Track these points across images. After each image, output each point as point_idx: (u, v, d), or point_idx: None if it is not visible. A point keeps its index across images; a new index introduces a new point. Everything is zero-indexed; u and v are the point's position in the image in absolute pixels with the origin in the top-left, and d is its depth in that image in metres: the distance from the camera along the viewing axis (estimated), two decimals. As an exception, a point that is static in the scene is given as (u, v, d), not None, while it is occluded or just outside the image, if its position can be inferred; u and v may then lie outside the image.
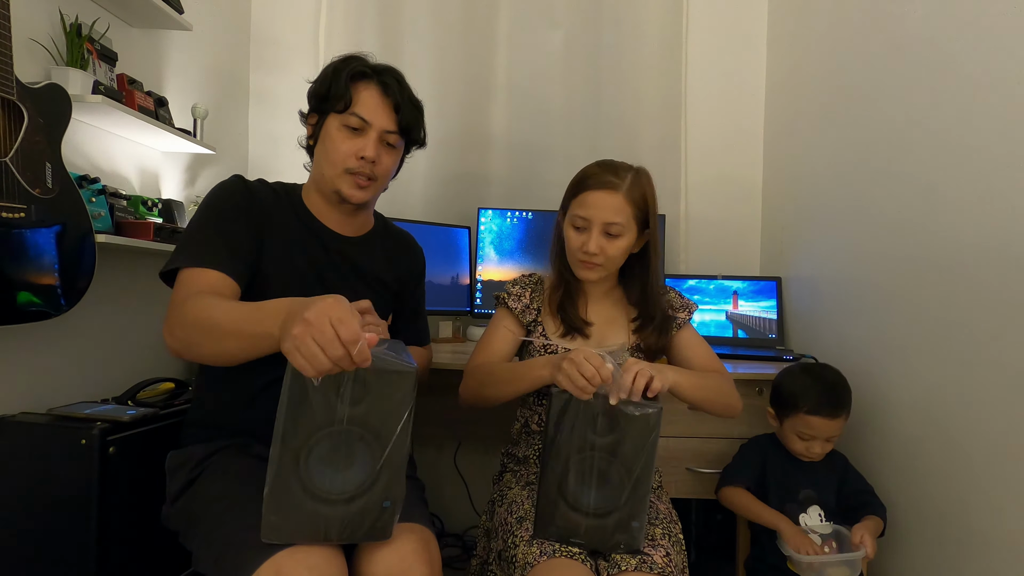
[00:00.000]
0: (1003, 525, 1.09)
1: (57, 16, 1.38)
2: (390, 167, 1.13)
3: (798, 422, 1.31)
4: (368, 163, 1.07)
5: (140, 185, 1.68)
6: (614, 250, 1.12)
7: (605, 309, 1.23)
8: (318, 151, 1.10)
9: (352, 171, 1.07)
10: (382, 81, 1.08)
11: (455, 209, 2.14)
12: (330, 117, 1.08)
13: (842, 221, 1.62)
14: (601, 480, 0.96)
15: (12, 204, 1.16)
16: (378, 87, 1.07)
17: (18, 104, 1.17)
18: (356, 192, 1.09)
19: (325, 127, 1.08)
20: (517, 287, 1.26)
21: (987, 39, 1.14)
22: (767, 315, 1.90)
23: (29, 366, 1.35)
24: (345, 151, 1.06)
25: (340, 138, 1.06)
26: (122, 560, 1.21)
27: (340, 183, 1.08)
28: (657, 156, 2.10)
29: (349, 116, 1.06)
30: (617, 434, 0.95)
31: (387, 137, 1.09)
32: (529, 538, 1.00)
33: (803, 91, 1.89)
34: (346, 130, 1.06)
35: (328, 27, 2.15)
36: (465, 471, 2.07)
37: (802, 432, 1.31)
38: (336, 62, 1.09)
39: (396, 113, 1.08)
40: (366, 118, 1.06)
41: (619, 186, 1.11)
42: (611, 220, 1.10)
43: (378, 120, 1.07)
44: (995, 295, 1.10)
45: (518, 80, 2.13)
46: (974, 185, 1.16)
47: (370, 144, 1.06)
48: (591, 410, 0.95)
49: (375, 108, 1.07)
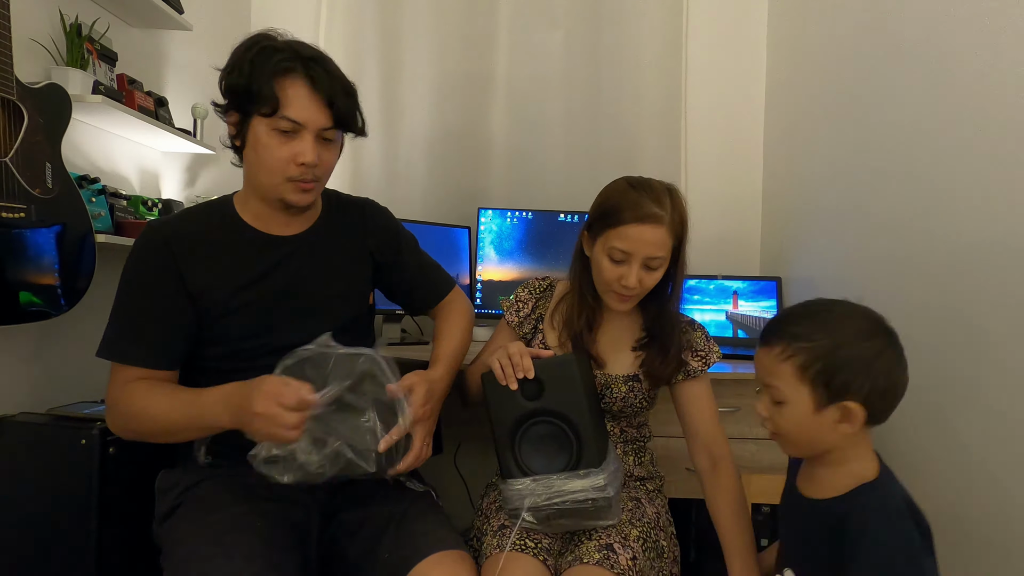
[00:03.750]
0: (1004, 526, 1.09)
1: (57, 16, 1.38)
2: (331, 163, 1.03)
3: None
4: (310, 168, 0.96)
5: (140, 185, 1.68)
6: (651, 282, 1.07)
7: (613, 330, 1.17)
8: (249, 156, 0.98)
9: (294, 178, 0.96)
10: (310, 75, 0.94)
11: (455, 209, 2.14)
12: (256, 120, 0.94)
13: (842, 221, 1.62)
14: (553, 444, 0.98)
15: (12, 204, 1.16)
16: (306, 81, 0.94)
17: (18, 104, 1.17)
18: (302, 196, 0.99)
19: (252, 131, 0.95)
20: (525, 292, 1.23)
21: (987, 40, 1.14)
22: (767, 315, 1.90)
23: (29, 366, 1.35)
24: (281, 158, 0.95)
25: (273, 144, 0.94)
26: (122, 560, 1.21)
27: (283, 191, 0.98)
28: (657, 156, 2.10)
29: (279, 120, 0.93)
30: (546, 393, 0.98)
31: (324, 134, 0.97)
32: (496, 528, 1.03)
33: (803, 92, 1.89)
34: (278, 135, 0.94)
35: (328, 27, 2.15)
36: (465, 471, 2.07)
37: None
38: (252, 53, 0.94)
39: (330, 108, 0.96)
40: (299, 120, 0.94)
41: (663, 219, 1.02)
42: (654, 255, 1.03)
43: (312, 119, 0.95)
44: (995, 295, 1.10)
45: (518, 80, 2.12)
46: (974, 185, 1.16)
47: (308, 148, 0.95)
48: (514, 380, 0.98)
49: (306, 107, 0.94)
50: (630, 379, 1.14)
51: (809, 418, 0.78)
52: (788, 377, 0.78)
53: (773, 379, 0.80)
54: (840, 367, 0.76)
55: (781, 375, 0.79)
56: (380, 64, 2.14)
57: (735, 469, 1.11)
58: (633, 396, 1.13)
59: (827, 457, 0.82)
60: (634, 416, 1.18)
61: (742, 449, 1.54)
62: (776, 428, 0.83)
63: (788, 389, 0.78)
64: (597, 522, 0.99)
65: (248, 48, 0.95)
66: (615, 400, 1.13)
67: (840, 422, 0.76)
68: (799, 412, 0.78)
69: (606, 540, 0.99)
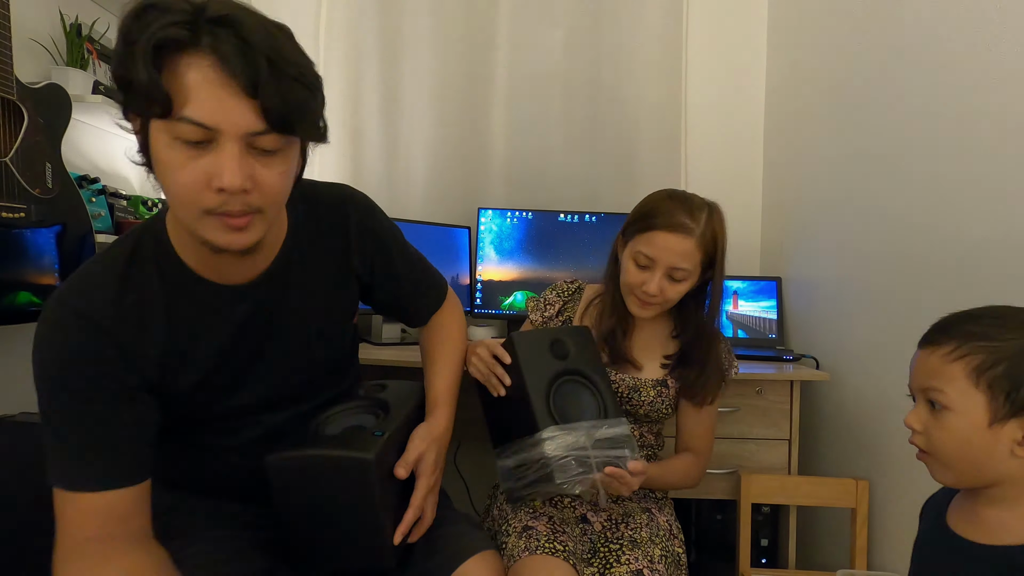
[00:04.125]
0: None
1: (57, 16, 1.38)
2: (277, 185, 0.68)
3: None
4: (232, 195, 0.64)
5: (140, 185, 1.68)
6: (674, 293, 1.06)
7: (645, 338, 1.18)
8: (158, 174, 0.67)
9: (212, 211, 0.65)
10: (217, 48, 0.60)
11: (455, 209, 2.14)
12: (152, 125, 0.63)
13: (842, 221, 1.62)
14: (581, 398, 1.01)
15: (12, 204, 1.16)
16: (214, 59, 0.60)
17: (18, 104, 1.17)
18: (232, 237, 0.67)
19: (152, 139, 0.64)
20: (553, 294, 1.24)
21: (987, 38, 1.14)
22: (767, 315, 1.90)
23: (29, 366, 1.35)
24: (189, 183, 0.63)
25: (176, 160, 0.63)
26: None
27: (203, 231, 0.66)
28: (657, 156, 2.10)
29: (178, 124, 0.61)
30: (571, 353, 1.04)
31: (255, 141, 0.64)
32: (520, 529, 1.02)
33: (803, 91, 1.89)
34: (182, 147, 0.62)
35: (328, 27, 2.15)
36: (465, 471, 2.07)
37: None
38: (127, 21, 0.60)
39: (254, 98, 0.62)
40: (206, 122, 0.61)
41: (693, 231, 1.02)
42: (678, 265, 1.03)
43: (229, 120, 0.61)
44: (996, 295, 1.10)
45: (518, 80, 2.12)
46: (975, 185, 1.16)
47: (226, 162, 0.62)
48: (543, 341, 1.03)
49: (216, 100, 0.61)
50: (659, 384, 1.15)
51: (979, 434, 0.63)
52: (958, 380, 0.64)
53: (936, 381, 0.66)
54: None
55: (948, 377, 0.64)
56: (380, 64, 2.14)
57: (703, 465, 1.18)
58: (660, 401, 1.15)
59: (996, 492, 0.66)
60: (656, 422, 1.20)
61: (742, 449, 1.54)
62: (930, 444, 0.67)
63: (956, 394, 0.64)
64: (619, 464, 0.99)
65: (125, 22, 0.61)
66: (642, 404, 1.14)
67: (1021, 444, 0.62)
68: (967, 424, 0.63)
69: (636, 566, 0.99)
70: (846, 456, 1.54)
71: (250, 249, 0.71)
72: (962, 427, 0.64)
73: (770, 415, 1.54)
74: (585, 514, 1.09)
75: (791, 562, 1.52)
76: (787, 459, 1.53)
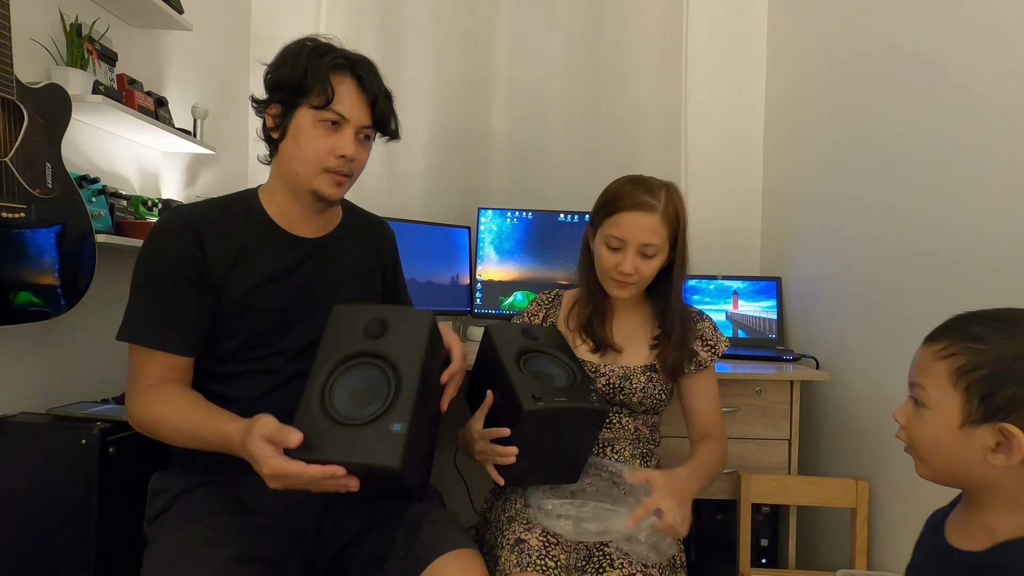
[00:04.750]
0: None
1: (57, 16, 1.38)
2: (365, 162, 1.07)
3: None
4: (347, 161, 1.01)
5: (140, 185, 1.68)
6: (648, 270, 1.11)
7: (629, 324, 1.22)
8: (287, 147, 1.01)
9: (331, 170, 1.00)
10: (358, 74, 1.01)
11: (455, 209, 2.14)
12: (302, 111, 0.99)
13: (842, 221, 1.62)
14: (552, 366, 1.07)
15: (12, 204, 1.16)
16: (354, 80, 1.01)
17: (18, 104, 1.17)
18: (335, 190, 1.03)
19: (296, 121, 1.00)
20: (534, 305, 1.29)
21: (986, 40, 1.14)
22: (767, 315, 1.90)
23: (29, 366, 1.35)
24: (323, 149, 0.99)
25: (317, 135, 0.99)
26: (121, 560, 1.21)
27: (318, 183, 1.01)
28: (657, 156, 2.10)
29: (328, 112, 0.98)
30: (538, 337, 1.11)
31: (363, 132, 1.03)
32: (513, 542, 1.01)
33: (803, 92, 1.89)
34: (323, 126, 0.99)
35: (328, 27, 2.14)
36: (465, 471, 2.07)
37: None
38: (307, 50, 1.00)
39: (372, 108, 1.03)
40: (345, 114, 0.99)
41: (656, 207, 1.08)
42: (647, 241, 1.09)
43: (356, 116, 1.01)
44: (996, 295, 1.10)
45: (518, 80, 2.13)
46: (975, 184, 1.16)
47: (348, 141, 1.00)
48: (515, 329, 1.11)
49: (353, 103, 1.00)
50: (648, 369, 1.17)
51: (951, 434, 0.63)
52: (940, 379, 0.64)
53: (921, 377, 0.67)
54: (1010, 381, 0.60)
55: (932, 374, 0.65)
56: (380, 64, 2.09)
57: (725, 445, 1.18)
58: (652, 386, 1.16)
59: (986, 499, 0.66)
60: (652, 411, 1.20)
61: (742, 449, 1.54)
62: (911, 437, 0.69)
63: (935, 392, 0.65)
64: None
65: (301, 46, 1.01)
66: (635, 391, 1.15)
67: (994, 451, 0.61)
68: (940, 423, 0.64)
69: (628, 570, 0.99)
70: (846, 456, 1.54)
71: (335, 202, 1.08)
72: (936, 425, 0.65)
73: (770, 415, 1.54)
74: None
75: (791, 562, 1.52)
76: (787, 459, 1.53)
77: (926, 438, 0.67)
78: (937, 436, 0.65)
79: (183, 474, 1.00)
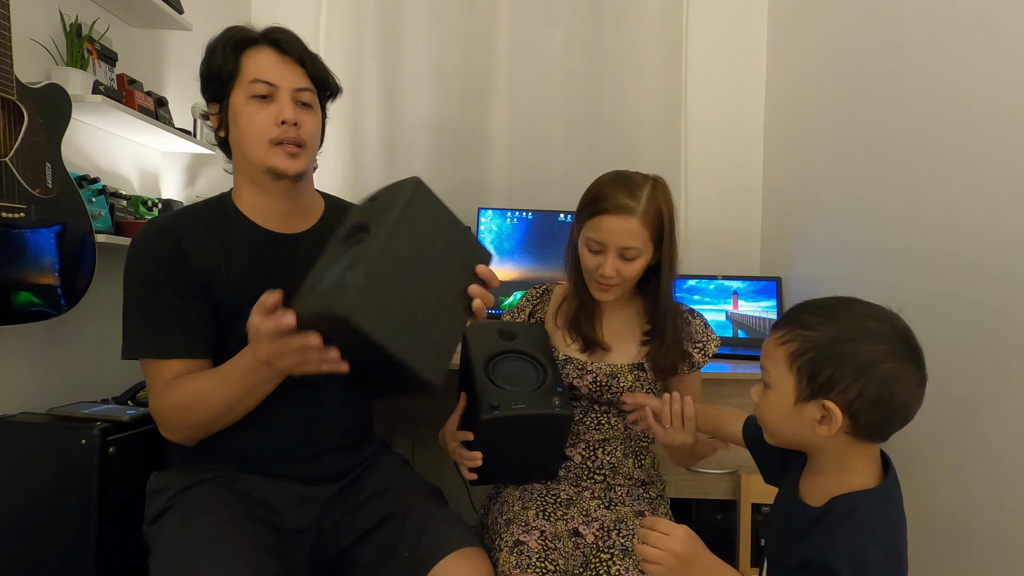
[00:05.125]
0: (1004, 527, 1.09)
1: (57, 16, 1.38)
2: (314, 129, 1.03)
3: None
4: (291, 127, 0.97)
5: (140, 185, 1.68)
6: (631, 272, 1.09)
7: (617, 321, 1.20)
8: (233, 137, 1.00)
9: (277, 140, 0.97)
10: (274, 40, 1.00)
11: (455, 209, 2.12)
12: (233, 97, 0.98)
13: (842, 221, 1.62)
14: (520, 373, 1.07)
15: (12, 204, 1.16)
16: (271, 47, 0.99)
17: (18, 104, 1.17)
18: (290, 162, 0.98)
19: (231, 109, 0.98)
20: (523, 299, 1.28)
21: (987, 38, 1.14)
22: (767, 315, 1.90)
23: (29, 366, 1.35)
24: (261, 122, 0.96)
25: (252, 110, 0.97)
26: (122, 560, 1.21)
27: (269, 158, 0.98)
28: (657, 156, 2.09)
29: (252, 84, 0.96)
30: (516, 335, 1.12)
31: (300, 96, 0.99)
32: (512, 543, 1.01)
33: (803, 91, 1.88)
34: (255, 101, 0.97)
35: (328, 27, 2.15)
36: (465, 471, 2.07)
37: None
38: (212, 40, 1.01)
39: (302, 67, 1.00)
40: (271, 80, 0.97)
41: (634, 210, 1.05)
42: (627, 245, 1.06)
43: (284, 80, 0.98)
44: (995, 295, 1.10)
45: (518, 80, 2.12)
46: (974, 185, 1.16)
47: (286, 106, 0.97)
48: (492, 329, 1.11)
49: (276, 68, 0.98)
50: (636, 368, 1.15)
51: (787, 410, 0.74)
52: (779, 362, 0.74)
53: (767, 361, 0.78)
54: (828, 362, 0.70)
55: (774, 359, 0.75)
56: (380, 64, 2.14)
57: None
58: (640, 386, 1.15)
59: (822, 463, 0.77)
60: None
61: (742, 449, 1.53)
62: (760, 413, 0.80)
63: (776, 374, 0.75)
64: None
65: (215, 39, 1.01)
66: (622, 390, 1.14)
67: (819, 423, 0.71)
68: (780, 401, 0.74)
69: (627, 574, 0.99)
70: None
71: (298, 178, 1.02)
72: (777, 403, 0.75)
73: (770, 415, 1.53)
74: (577, 527, 1.08)
75: (791, 562, 1.52)
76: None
77: (770, 414, 0.78)
78: (779, 411, 0.75)
79: (181, 473, 1.00)
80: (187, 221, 1.01)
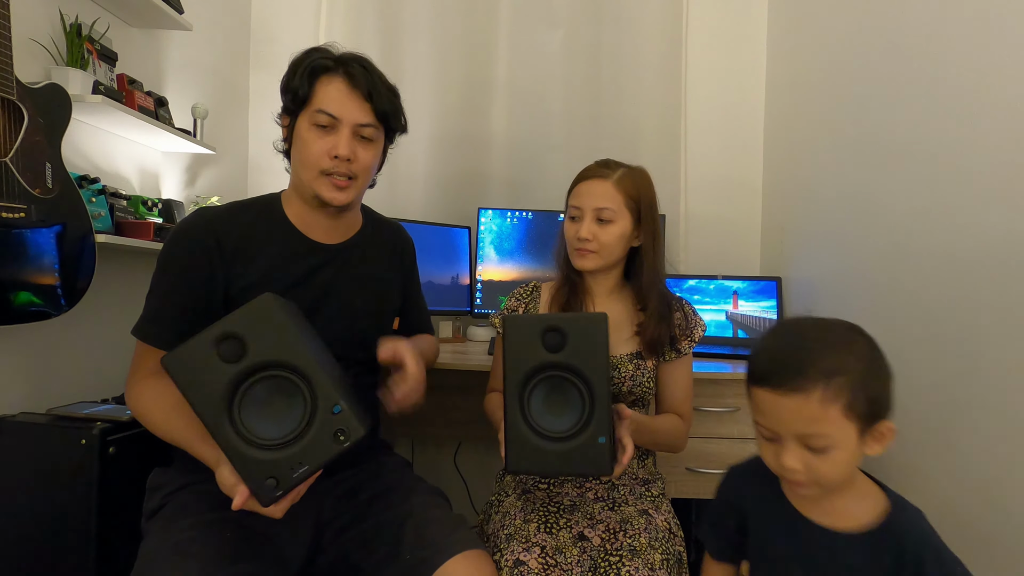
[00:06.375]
0: (1004, 527, 1.09)
1: (57, 16, 1.38)
2: (369, 163, 1.05)
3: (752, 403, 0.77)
4: (343, 162, 1.00)
5: (140, 185, 1.68)
6: (607, 236, 1.12)
7: (612, 313, 1.16)
8: (293, 154, 1.04)
9: (327, 172, 1.00)
10: (347, 72, 1.01)
11: (455, 209, 2.14)
12: (301, 117, 1.01)
13: (842, 221, 1.62)
14: (563, 400, 0.92)
15: (12, 204, 1.16)
16: (344, 79, 1.00)
17: (18, 104, 1.17)
18: (336, 194, 1.02)
19: (296, 128, 1.02)
20: (512, 300, 1.28)
21: (987, 39, 1.14)
22: (767, 315, 1.90)
23: (29, 366, 1.35)
24: (317, 151, 0.99)
25: (311, 138, 1.00)
26: (122, 560, 1.21)
27: (317, 186, 1.01)
28: (657, 156, 2.10)
29: (316, 114, 0.99)
30: (567, 347, 0.90)
31: (361, 131, 1.02)
32: (512, 563, 0.99)
33: (803, 91, 1.88)
34: (316, 129, 1.00)
35: (328, 27, 2.15)
36: (465, 471, 2.07)
37: (759, 423, 0.76)
38: (297, 56, 1.03)
39: (368, 102, 1.02)
40: (334, 113, 0.99)
41: (608, 175, 1.14)
42: (601, 205, 1.12)
43: (348, 114, 1.00)
44: (995, 295, 1.10)
45: (518, 80, 2.13)
46: (974, 185, 1.16)
47: (343, 141, 0.99)
48: (539, 326, 0.91)
49: (342, 101, 1.00)
50: (635, 356, 1.16)
51: (854, 455, 0.70)
52: (836, 420, 0.68)
53: (817, 427, 0.69)
54: (876, 388, 0.68)
55: (828, 420, 0.68)
56: (380, 64, 2.06)
57: (688, 427, 1.19)
58: (641, 375, 1.15)
59: (842, 488, 0.76)
60: (640, 401, 1.19)
61: (741, 449, 1.54)
62: (814, 477, 0.71)
63: (838, 433, 0.68)
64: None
65: (296, 57, 1.04)
66: (623, 380, 1.15)
67: (873, 443, 0.71)
68: (848, 453, 0.69)
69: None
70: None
71: (344, 208, 1.05)
72: (845, 457, 0.70)
73: (770, 415, 1.53)
74: (582, 531, 1.07)
75: (791, 562, 1.52)
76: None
77: (835, 472, 0.71)
78: (847, 463, 0.71)
79: (183, 471, 1.00)
80: (234, 222, 1.02)
